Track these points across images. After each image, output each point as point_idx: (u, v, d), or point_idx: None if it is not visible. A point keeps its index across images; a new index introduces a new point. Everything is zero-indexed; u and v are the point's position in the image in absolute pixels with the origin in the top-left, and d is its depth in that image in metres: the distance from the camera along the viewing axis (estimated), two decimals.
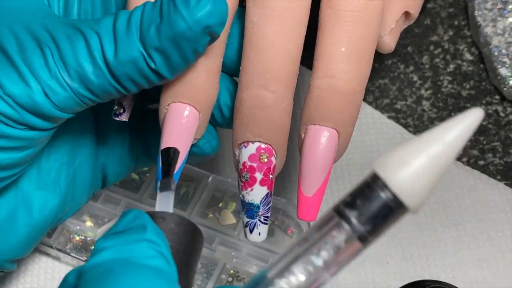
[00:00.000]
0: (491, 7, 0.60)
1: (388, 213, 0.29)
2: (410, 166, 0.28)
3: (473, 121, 0.29)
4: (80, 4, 0.42)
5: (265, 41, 0.40)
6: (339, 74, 0.39)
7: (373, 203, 0.29)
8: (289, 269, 0.30)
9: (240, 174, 0.41)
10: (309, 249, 0.30)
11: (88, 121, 0.46)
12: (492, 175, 0.56)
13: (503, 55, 0.58)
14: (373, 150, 0.57)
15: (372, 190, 0.28)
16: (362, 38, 0.40)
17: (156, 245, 0.32)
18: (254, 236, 0.43)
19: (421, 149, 0.28)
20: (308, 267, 0.30)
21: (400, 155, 0.28)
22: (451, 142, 0.28)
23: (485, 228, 0.54)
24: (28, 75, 0.38)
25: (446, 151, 0.28)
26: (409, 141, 0.28)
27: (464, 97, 0.59)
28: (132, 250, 0.32)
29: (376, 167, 0.28)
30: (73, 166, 0.45)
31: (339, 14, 0.39)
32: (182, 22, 0.37)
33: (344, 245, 0.29)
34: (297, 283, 0.30)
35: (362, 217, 0.29)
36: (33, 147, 0.40)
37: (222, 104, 0.43)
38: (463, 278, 0.53)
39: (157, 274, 0.31)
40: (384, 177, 0.28)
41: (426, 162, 0.28)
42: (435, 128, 0.28)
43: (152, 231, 0.33)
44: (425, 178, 0.28)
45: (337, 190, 0.56)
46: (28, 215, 0.43)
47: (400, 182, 0.28)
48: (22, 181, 0.43)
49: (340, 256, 0.30)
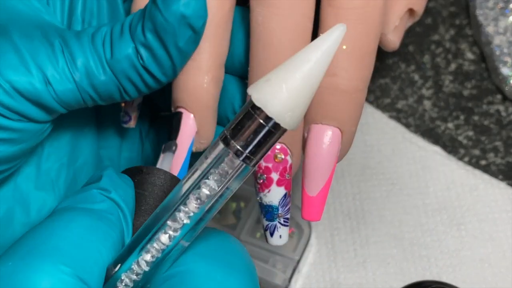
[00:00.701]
0: (493, 6, 0.60)
1: (259, 127, 0.31)
2: (275, 83, 0.30)
3: (334, 40, 0.30)
4: (84, 5, 0.42)
5: (272, 38, 0.39)
6: (340, 72, 0.39)
7: (246, 121, 0.31)
8: (188, 196, 0.33)
9: (256, 175, 0.41)
10: (201, 174, 0.32)
11: (90, 123, 0.46)
12: (494, 175, 0.56)
13: (504, 54, 0.58)
14: (374, 150, 0.57)
15: (244, 109, 0.31)
16: (364, 35, 0.39)
17: (107, 191, 0.35)
18: (275, 239, 0.42)
19: (287, 69, 0.30)
20: (204, 191, 0.32)
21: (268, 75, 0.30)
22: (316, 61, 0.30)
23: (486, 228, 0.54)
24: (31, 62, 0.38)
25: (310, 69, 0.30)
26: None
27: (466, 96, 0.59)
28: (81, 198, 0.35)
29: (248, 89, 0.31)
30: (74, 168, 0.45)
31: (340, 12, 0.39)
32: (159, 14, 0.38)
33: (230, 165, 0.32)
34: (195, 206, 0.33)
35: (239, 135, 0.31)
36: (26, 141, 0.40)
37: (237, 108, 0.43)
38: (465, 278, 0.53)
39: (91, 214, 0.34)
40: (251, 93, 0.31)
41: (292, 78, 0.30)
42: (302, 49, 0.30)
43: (106, 180, 0.36)
44: (288, 91, 0.30)
45: (338, 190, 0.56)
46: (25, 215, 0.43)
47: (264, 96, 0.30)
48: (21, 180, 0.43)
49: (229, 178, 0.32)
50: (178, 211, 0.33)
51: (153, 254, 0.33)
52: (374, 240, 0.54)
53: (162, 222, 0.33)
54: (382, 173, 0.56)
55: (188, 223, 0.33)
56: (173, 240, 0.33)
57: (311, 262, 0.54)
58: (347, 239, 0.54)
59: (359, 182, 0.56)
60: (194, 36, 0.39)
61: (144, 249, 0.34)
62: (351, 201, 0.56)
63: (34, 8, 0.41)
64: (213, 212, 0.33)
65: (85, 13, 0.42)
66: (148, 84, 0.40)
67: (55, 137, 0.44)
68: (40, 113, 0.39)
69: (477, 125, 0.58)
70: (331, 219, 0.55)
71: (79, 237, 0.33)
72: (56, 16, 0.42)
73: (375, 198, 0.56)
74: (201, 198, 0.32)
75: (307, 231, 0.54)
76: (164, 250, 0.33)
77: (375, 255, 0.54)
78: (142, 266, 0.34)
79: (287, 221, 0.42)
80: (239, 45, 0.42)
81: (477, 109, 0.58)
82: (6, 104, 0.38)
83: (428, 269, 0.53)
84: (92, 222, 0.34)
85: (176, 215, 0.33)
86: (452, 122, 0.58)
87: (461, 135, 0.57)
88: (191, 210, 0.33)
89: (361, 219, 0.55)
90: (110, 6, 0.43)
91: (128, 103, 0.44)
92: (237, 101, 0.43)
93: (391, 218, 0.55)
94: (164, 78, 0.40)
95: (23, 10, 0.40)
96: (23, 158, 0.41)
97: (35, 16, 0.40)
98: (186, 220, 0.33)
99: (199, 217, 0.33)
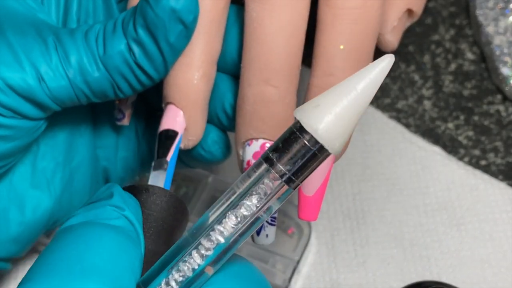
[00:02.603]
0: (493, 6, 0.60)
1: (305, 150, 0.31)
2: (324, 109, 0.31)
3: (382, 69, 0.31)
4: (80, 4, 0.42)
5: (265, 35, 0.39)
6: (337, 72, 0.39)
7: (292, 143, 0.32)
8: (225, 215, 0.33)
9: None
10: (242, 194, 0.33)
11: (86, 122, 0.46)
12: (494, 175, 0.56)
13: (504, 54, 0.58)
14: (374, 150, 0.57)
15: (291, 132, 0.32)
16: (361, 35, 0.39)
17: (120, 209, 0.35)
18: (262, 238, 0.42)
19: (335, 95, 0.31)
20: (241, 211, 0.32)
21: (314, 101, 0.31)
22: (363, 89, 0.31)
23: (486, 228, 0.54)
24: (24, 59, 0.38)
25: (358, 97, 0.31)
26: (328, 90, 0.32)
27: (466, 96, 0.59)
28: (96, 214, 0.35)
29: (295, 112, 0.31)
30: (70, 167, 0.45)
31: (337, 12, 0.39)
32: (150, 9, 0.38)
33: (272, 187, 0.32)
34: (232, 226, 0.32)
35: (284, 158, 0.32)
36: (20, 138, 0.40)
37: (227, 107, 0.43)
38: (465, 278, 0.53)
39: (118, 231, 0.34)
40: (299, 118, 0.31)
41: (340, 105, 0.31)
42: (351, 77, 0.31)
43: (118, 198, 0.35)
44: (336, 117, 0.31)
45: (338, 190, 0.56)
46: (20, 214, 0.43)
47: (315, 121, 0.31)
48: (16, 179, 0.43)
49: (269, 198, 0.32)
50: (213, 230, 0.33)
51: (184, 274, 0.33)
52: (374, 240, 0.54)
53: (196, 241, 0.33)
54: (382, 173, 0.56)
55: (222, 243, 0.33)
56: (205, 259, 0.33)
57: (311, 262, 0.54)
58: (347, 239, 0.54)
59: (359, 182, 0.56)
60: (185, 31, 0.39)
61: (174, 267, 0.33)
62: (351, 201, 0.56)
63: (28, 6, 0.41)
64: (248, 234, 0.33)
65: (81, 12, 0.42)
66: (141, 80, 0.40)
67: (51, 136, 0.44)
68: (33, 110, 0.39)
69: (477, 125, 0.58)
70: (331, 219, 0.55)
71: (113, 255, 0.33)
72: (51, 15, 0.42)
73: (375, 198, 0.56)
74: (239, 218, 0.32)
75: (307, 231, 0.54)
76: (195, 270, 0.33)
77: (375, 255, 0.54)
78: (172, 285, 0.33)
79: (274, 221, 0.41)
80: (232, 43, 0.42)
81: (477, 109, 0.58)
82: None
83: (428, 269, 0.53)
84: (121, 239, 0.34)
85: (211, 234, 0.33)
86: (452, 122, 0.58)
87: (461, 135, 0.57)
88: (227, 230, 0.33)
89: (361, 219, 0.55)
90: (106, 6, 0.43)
91: (122, 101, 0.44)
92: (227, 100, 0.43)
93: (391, 218, 0.55)
94: (156, 75, 0.40)
95: (17, 9, 0.40)
96: (17, 155, 0.41)
97: (29, 14, 0.41)
98: (221, 239, 0.33)
99: (234, 237, 0.33)
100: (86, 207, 0.35)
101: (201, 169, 0.55)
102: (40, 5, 0.41)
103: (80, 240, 0.33)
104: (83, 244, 0.33)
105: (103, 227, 0.34)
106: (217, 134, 0.44)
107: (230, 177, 0.55)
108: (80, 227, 0.34)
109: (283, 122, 0.40)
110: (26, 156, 0.43)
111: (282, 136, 0.32)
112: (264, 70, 0.39)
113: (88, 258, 0.32)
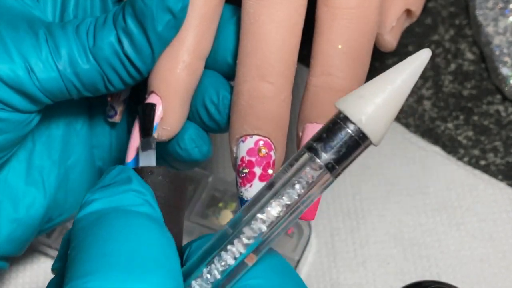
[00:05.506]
0: (492, 6, 0.60)
1: (349, 140, 0.32)
2: (367, 99, 0.32)
3: (421, 62, 0.32)
4: (77, 3, 0.42)
5: (262, 31, 0.39)
6: (335, 72, 0.39)
7: (336, 133, 0.32)
8: (268, 203, 0.33)
9: (238, 169, 0.40)
10: (284, 183, 0.33)
11: (82, 121, 0.46)
12: (494, 175, 0.56)
13: (504, 54, 0.58)
14: (373, 150, 0.57)
15: (334, 123, 0.32)
16: (359, 35, 0.39)
17: (142, 194, 0.35)
18: None
19: (378, 87, 0.32)
20: (284, 199, 0.33)
21: (359, 91, 0.32)
22: (403, 81, 0.32)
23: (486, 228, 0.54)
24: (13, 50, 0.38)
25: (399, 89, 0.32)
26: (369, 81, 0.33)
27: (465, 96, 0.59)
28: (120, 199, 0.34)
29: (337, 103, 0.32)
30: (65, 166, 0.45)
31: (335, 12, 0.39)
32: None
33: (314, 175, 0.33)
34: (275, 214, 0.33)
35: (328, 147, 0.32)
36: (11, 132, 0.40)
37: (207, 101, 0.42)
38: (465, 278, 0.53)
39: (148, 218, 0.34)
40: (344, 110, 0.32)
41: (382, 96, 0.32)
42: (390, 69, 0.32)
43: (137, 182, 0.35)
44: (378, 108, 0.32)
45: (337, 190, 0.56)
46: (14, 211, 0.43)
47: (360, 111, 0.32)
48: (11, 176, 0.43)
49: (311, 187, 0.33)
50: (255, 219, 0.33)
51: (225, 262, 0.33)
52: (374, 240, 0.54)
53: (237, 230, 0.33)
54: (382, 173, 0.56)
55: (264, 232, 0.33)
56: (247, 248, 0.33)
57: (311, 262, 0.54)
58: (347, 239, 0.54)
59: (359, 182, 0.56)
60: (173, 21, 0.39)
61: (216, 257, 0.33)
62: (351, 201, 0.56)
63: (24, 3, 0.41)
64: (289, 223, 0.33)
65: (78, 10, 0.42)
66: (130, 72, 0.40)
67: (46, 134, 0.44)
68: (23, 102, 0.39)
69: (477, 125, 0.58)
70: (331, 219, 0.55)
71: (162, 245, 0.33)
72: (46, 13, 0.42)
73: (375, 198, 0.56)
74: (281, 207, 0.33)
75: (307, 231, 0.54)
76: (237, 259, 0.33)
77: (375, 255, 0.54)
78: (215, 274, 0.33)
79: None
80: (224, 41, 0.42)
81: (477, 109, 0.58)
82: None
83: (428, 269, 0.53)
84: (157, 227, 0.34)
85: (253, 223, 0.33)
86: (452, 122, 0.58)
87: (461, 135, 0.57)
88: (269, 218, 0.33)
89: (361, 219, 0.55)
90: (103, 5, 0.43)
91: (114, 97, 0.44)
92: (208, 94, 0.41)
93: (391, 218, 0.55)
94: (143, 66, 0.40)
95: (12, 5, 0.41)
96: (9, 150, 0.41)
97: (24, 10, 0.41)
98: (263, 227, 0.33)
99: (276, 225, 0.33)
100: (104, 191, 0.35)
101: (200, 169, 0.55)
102: (35, 2, 0.41)
103: (113, 226, 0.33)
104: (132, 234, 0.32)
105: (132, 213, 0.34)
106: (195, 132, 0.42)
107: (230, 177, 0.55)
108: (109, 214, 0.33)
109: (278, 119, 0.40)
110: (22, 153, 0.43)
111: (325, 126, 0.33)
112: (260, 66, 0.39)
113: (143, 250, 0.32)
